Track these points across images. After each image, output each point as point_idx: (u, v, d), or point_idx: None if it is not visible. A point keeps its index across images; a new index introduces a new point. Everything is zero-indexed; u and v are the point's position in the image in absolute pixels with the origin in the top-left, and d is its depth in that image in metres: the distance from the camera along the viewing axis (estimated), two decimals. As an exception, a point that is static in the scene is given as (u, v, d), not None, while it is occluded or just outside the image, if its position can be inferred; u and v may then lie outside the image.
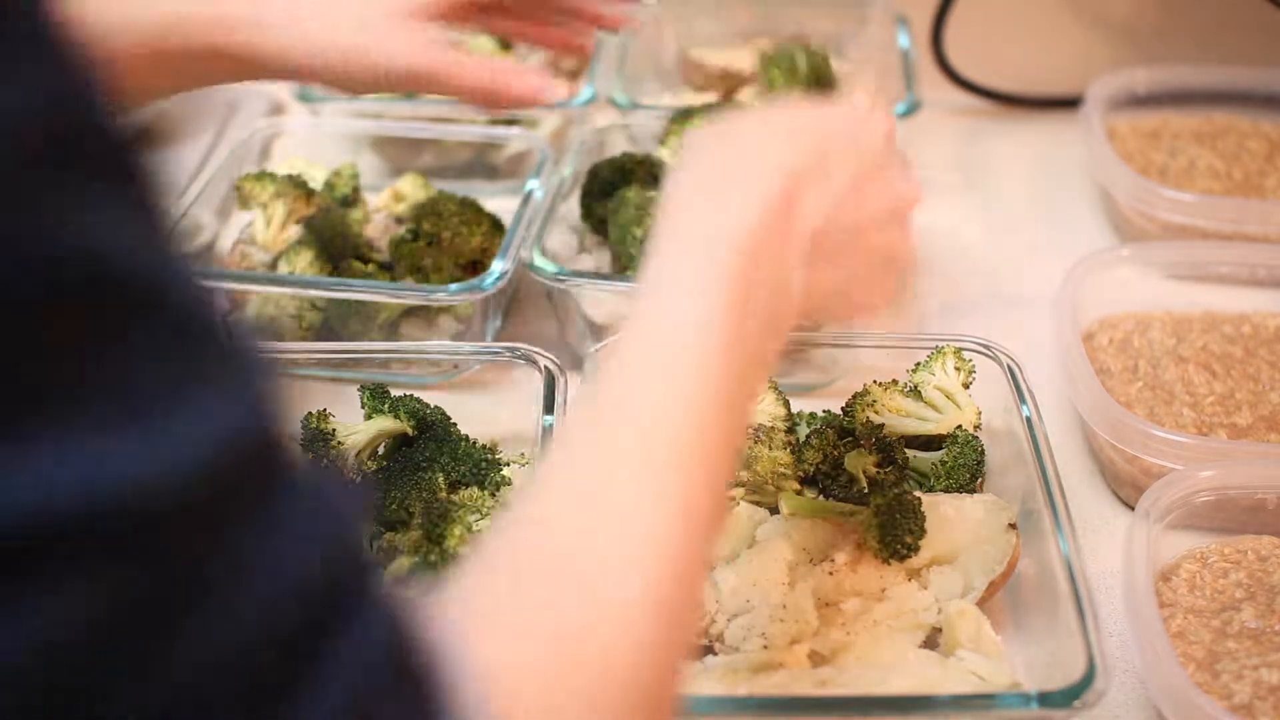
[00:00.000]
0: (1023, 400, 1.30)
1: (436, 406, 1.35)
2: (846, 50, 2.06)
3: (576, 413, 1.04)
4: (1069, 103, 2.03)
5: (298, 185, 1.62)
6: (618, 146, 1.79)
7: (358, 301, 1.53)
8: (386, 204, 1.70)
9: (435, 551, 1.19)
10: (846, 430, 1.33)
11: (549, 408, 1.29)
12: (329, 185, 1.67)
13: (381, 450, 1.33)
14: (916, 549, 1.20)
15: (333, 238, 1.58)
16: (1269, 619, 1.20)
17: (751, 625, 1.17)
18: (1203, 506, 1.29)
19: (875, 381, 1.36)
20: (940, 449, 1.32)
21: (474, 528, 1.24)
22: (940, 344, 1.37)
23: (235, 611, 0.54)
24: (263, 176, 1.62)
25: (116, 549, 0.51)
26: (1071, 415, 1.48)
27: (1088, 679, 1.04)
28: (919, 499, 1.22)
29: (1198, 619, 1.21)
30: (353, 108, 1.88)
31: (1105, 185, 1.79)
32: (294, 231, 1.61)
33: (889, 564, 1.20)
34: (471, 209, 1.61)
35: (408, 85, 1.30)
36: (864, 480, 1.28)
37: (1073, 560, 1.13)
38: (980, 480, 1.31)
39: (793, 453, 1.31)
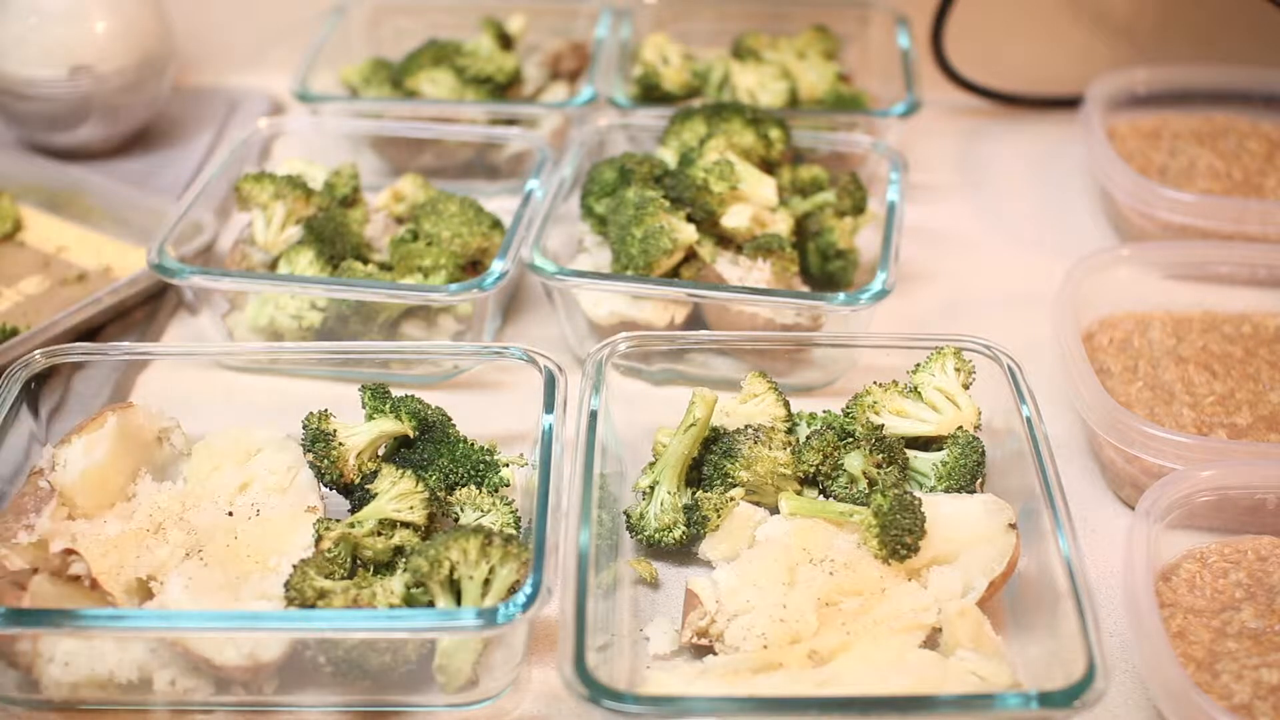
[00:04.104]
0: (1023, 400, 1.30)
1: (437, 407, 1.35)
2: (847, 50, 2.06)
3: None
4: (1069, 103, 2.03)
5: (297, 186, 1.61)
6: (618, 146, 1.79)
7: (358, 301, 1.53)
8: (386, 204, 1.69)
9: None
10: (846, 431, 1.33)
11: (549, 407, 1.29)
12: (329, 185, 1.67)
13: (382, 451, 1.33)
14: (916, 549, 1.20)
15: (333, 238, 1.58)
16: (1269, 619, 1.20)
17: (751, 625, 1.17)
18: (1203, 506, 1.29)
19: (875, 382, 1.36)
20: (940, 449, 1.32)
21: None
22: (940, 344, 1.37)
23: None
24: (261, 177, 1.61)
25: None
26: (1071, 415, 1.49)
27: (1088, 679, 1.04)
28: (919, 499, 1.22)
29: (1197, 619, 1.21)
30: (353, 108, 1.88)
31: (1105, 185, 1.79)
32: (293, 232, 1.60)
33: (889, 564, 1.20)
34: (471, 209, 1.61)
35: None
36: (864, 481, 1.28)
37: (1073, 560, 1.13)
38: (980, 480, 1.31)
39: (792, 453, 1.31)
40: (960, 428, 1.32)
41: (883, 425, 1.33)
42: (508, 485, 1.32)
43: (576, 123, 1.89)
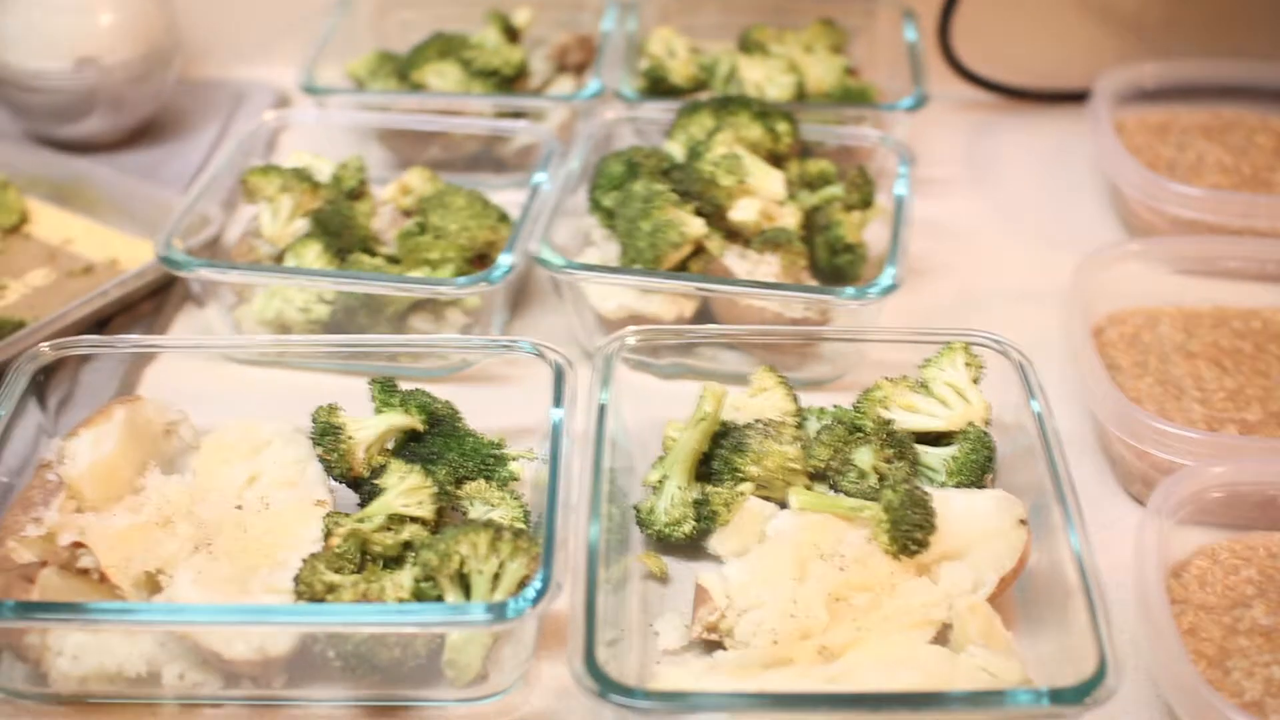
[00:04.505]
0: (1032, 396, 1.29)
1: (446, 401, 1.34)
2: (854, 43, 2.05)
3: None
4: (1077, 97, 2.03)
5: (303, 179, 1.61)
6: (625, 140, 1.78)
7: (365, 294, 1.53)
8: (394, 197, 1.69)
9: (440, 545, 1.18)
10: (856, 426, 1.33)
11: (558, 401, 1.29)
12: (336, 178, 1.67)
13: (391, 445, 1.33)
14: (926, 545, 1.20)
15: (340, 231, 1.58)
16: None
17: (762, 621, 1.16)
18: (1213, 502, 1.29)
19: (885, 377, 1.36)
20: (950, 444, 1.32)
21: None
22: (950, 339, 1.36)
23: None
24: (268, 170, 1.61)
25: None
26: (1082, 410, 1.48)
27: (1099, 676, 1.04)
28: (929, 495, 1.21)
29: (1209, 615, 1.21)
30: (359, 101, 1.88)
31: (1113, 180, 1.79)
32: (300, 225, 1.60)
33: (899, 560, 1.20)
34: (479, 202, 1.61)
35: None
36: (874, 476, 1.28)
37: (1083, 556, 1.13)
38: (991, 476, 1.30)
39: (802, 448, 1.31)
40: (970, 423, 1.32)
41: (892, 420, 1.33)
42: (516, 479, 1.32)
43: (583, 116, 1.89)
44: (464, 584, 1.15)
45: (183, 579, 1.18)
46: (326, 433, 1.28)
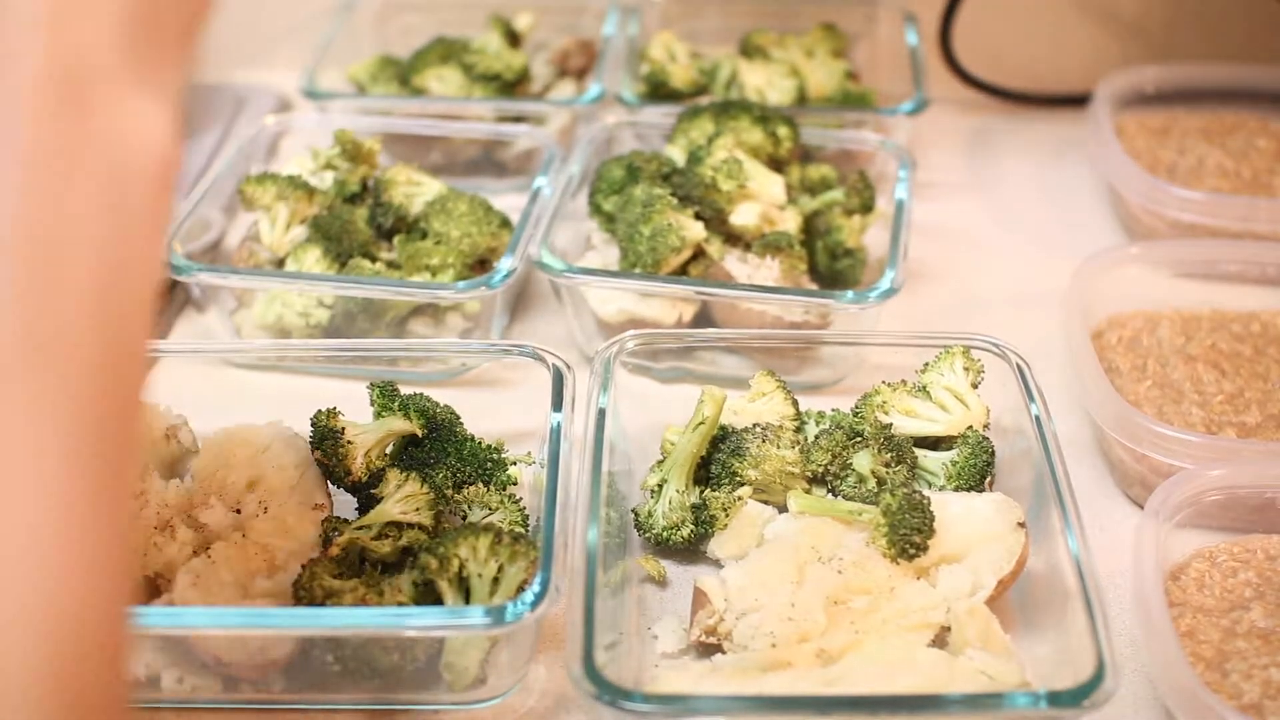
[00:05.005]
0: (1031, 399, 1.29)
1: (446, 405, 1.35)
2: (855, 48, 2.05)
3: None
4: (1077, 100, 2.03)
5: (299, 186, 1.61)
6: (626, 144, 1.79)
7: (365, 299, 1.53)
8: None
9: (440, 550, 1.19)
10: (855, 430, 1.33)
11: (557, 405, 1.29)
12: (337, 183, 1.67)
13: (390, 449, 1.33)
14: (925, 548, 1.20)
15: (340, 236, 1.58)
16: (1278, 618, 1.20)
17: (760, 624, 1.16)
18: (1211, 505, 1.29)
19: (884, 381, 1.36)
20: (949, 448, 1.32)
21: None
22: (949, 343, 1.36)
23: None
24: (264, 179, 1.61)
25: None
26: (1080, 414, 1.48)
27: (1097, 678, 1.03)
28: (927, 498, 1.21)
29: (1207, 618, 1.21)
30: (360, 105, 1.88)
31: (1114, 183, 1.79)
32: (299, 232, 1.60)
33: (897, 563, 1.20)
34: (481, 208, 1.61)
35: None
36: (872, 480, 1.28)
37: (1082, 559, 1.13)
38: (990, 479, 1.30)
39: (801, 452, 1.31)
40: (970, 427, 1.32)
41: (891, 425, 1.33)
42: (515, 483, 1.32)
43: (584, 120, 1.89)
44: (463, 587, 1.15)
45: (182, 583, 1.18)
46: (326, 437, 1.29)
